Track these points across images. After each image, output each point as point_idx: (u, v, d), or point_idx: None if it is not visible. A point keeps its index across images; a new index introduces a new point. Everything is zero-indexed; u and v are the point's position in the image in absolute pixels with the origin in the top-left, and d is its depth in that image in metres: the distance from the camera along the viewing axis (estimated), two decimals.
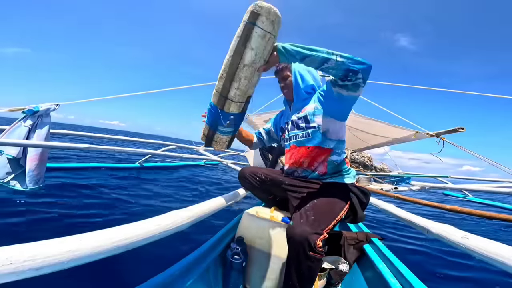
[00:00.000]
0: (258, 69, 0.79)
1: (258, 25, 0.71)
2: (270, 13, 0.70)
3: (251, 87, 0.84)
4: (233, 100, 0.84)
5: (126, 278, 1.19)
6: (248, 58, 0.75)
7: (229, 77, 0.78)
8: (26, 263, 0.33)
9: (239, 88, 0.81)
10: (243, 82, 0.79)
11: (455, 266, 1.86)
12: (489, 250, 0.56)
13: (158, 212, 0.65)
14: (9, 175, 1.54)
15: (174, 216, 0.68)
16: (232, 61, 0.76)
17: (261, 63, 0.78)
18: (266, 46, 0.74)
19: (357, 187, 1.10)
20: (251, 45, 0.73)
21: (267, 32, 0.72)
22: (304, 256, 0.80)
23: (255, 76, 0.81)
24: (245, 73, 0.78)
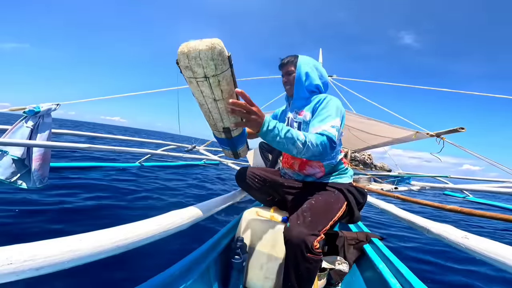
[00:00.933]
0: (224, 99, 0.70)
1: (184, 76, 0.65)
2: (189, 57, 0.59)
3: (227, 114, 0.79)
4: (231, 128, 0.83)
5: (126, 278, 1.19)
6: (207, 99, 0.70)
7: (210, 119, 0.79)
8: (27, 263, 0.33)
9: (223, 120, 0.79)
10: (223, 115, 0.76)
11: (455, 266, 1.86)
12: (489, 250, 0.56)
13: (158, 212, 0.66)
14: (15, 175, 1.57)
15: (174, 216, 0.68)
16: (202, 109, 0.76)
17: (219, 93, 0.69)
18: (211, 86, 0.65)
19: (354, 187, 1.10)
20: (194, 92, 0.69)
21: (196, 78, 0.63)
22: (301, 257, 0.79)
23: (224, 105, 0.73)
24: (216, 109, 0.74)
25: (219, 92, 0.66)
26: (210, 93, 0.66)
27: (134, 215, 2.05)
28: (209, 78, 0.62)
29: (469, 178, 4.48)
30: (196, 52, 0.57)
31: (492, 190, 2.41)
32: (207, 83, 0.63)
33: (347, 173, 1.13)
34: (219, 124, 0.81)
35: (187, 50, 0.57)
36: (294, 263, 0.82)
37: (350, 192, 1.05)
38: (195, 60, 0.58)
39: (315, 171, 1.10)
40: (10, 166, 1.56)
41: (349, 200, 1.02)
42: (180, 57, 0.59)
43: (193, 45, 0.57)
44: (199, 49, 0.57)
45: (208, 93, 0.66)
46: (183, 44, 0.58)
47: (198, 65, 0.59)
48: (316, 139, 0.85)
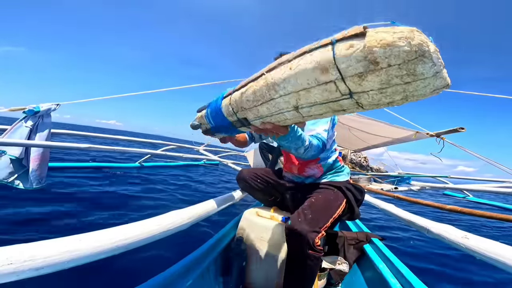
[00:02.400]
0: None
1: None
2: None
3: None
4: (252, 124, 0.60)
5: (126, 278, 1.19)
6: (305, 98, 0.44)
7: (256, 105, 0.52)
8: (26, 263, 0.33)
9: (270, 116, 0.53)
10: (283, 116, 0.51)
11: (455, 266, 1.86)
12: (489, 250, 0.56)
13: (158, 212, 0.65)
14: (12, 175, 1.56)
15: (174, 216, 0.68)
16: (269, 93, 0.48)
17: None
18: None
19: (352, 184, 1.11)
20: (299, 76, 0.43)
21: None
22: (303, 255, 0.81)
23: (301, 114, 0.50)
24: (291, 112, 0.49)
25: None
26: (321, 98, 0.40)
27: (134, 215, 2.05)
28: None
29: (469, 178, 4.49)
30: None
31: (492, 190, 2.41)
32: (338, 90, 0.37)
33: (344, 171, 1.14)
34: (254, 116, 0.55)
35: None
36: (295, 260, 0.83)
37: (349, 189, 1.06)
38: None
39: (314, 172, 1.11)
40: (8, 166, 1.54)
41: (348, 197, 1.03)
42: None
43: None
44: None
45: (318, 98, 0.40)
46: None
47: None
48: (312, 141, 0.86)
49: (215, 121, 0.69)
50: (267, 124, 0.54)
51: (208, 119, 0.71)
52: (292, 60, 0.40)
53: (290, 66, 0.39)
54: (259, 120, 0.55)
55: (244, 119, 0.58)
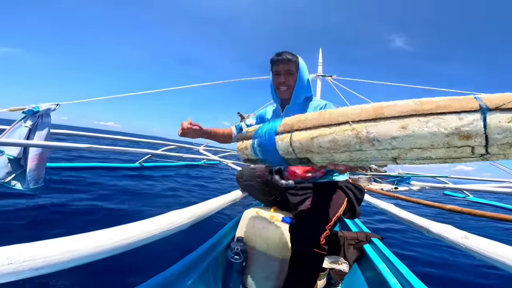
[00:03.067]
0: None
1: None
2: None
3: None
4: (314, 164, 0.57)
5: (126, 278, 1.19)
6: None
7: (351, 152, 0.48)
8: (26, 263, 0.33)
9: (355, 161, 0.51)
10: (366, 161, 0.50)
11: (455, 266, 1.86)
12: (489, 250, 0.56)
13: (158, 212, 0.65)
14: (10, 175, 1.54)
15: (174, 216, 0.68)
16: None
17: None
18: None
19: (352, 184, 1.11)
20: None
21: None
22: (308, 253, 0.82)
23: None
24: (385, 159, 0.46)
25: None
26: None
27: (134, 215, 2.05)
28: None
29: (469, 178, 4.49)
30: None
31: (492, 190, 2.42)
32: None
33: None
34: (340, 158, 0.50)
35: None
36: (300, 259, 0.84)
37: (349, 188, 1.06)
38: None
39: (315, 174, 1.11)
40: (5, 166, 1.53)
41: (349, 196, 1.03)
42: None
43: None
44: None
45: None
46: None
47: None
48: None
49: (264, 155, 0.67)
50: (340, 166, 0.52)
51: (255, 152, 0.69)
52: (405, 119, 0.38)
53: (403, 126, 0.37)
54: (327, 162, 0.53)
55: (305, 159, 0.56)
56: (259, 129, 0.68)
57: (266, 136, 0.64)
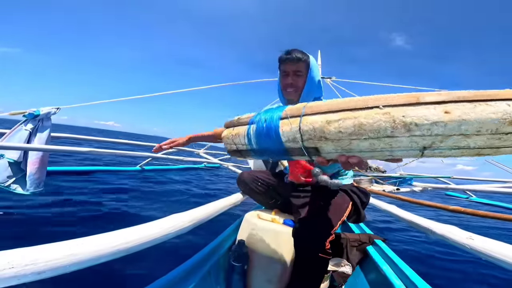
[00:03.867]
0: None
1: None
2: None
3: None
4: (321, 155, 0.52)
5: (127, 281, 1.19)
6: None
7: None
8: (28, 267, 0.33)
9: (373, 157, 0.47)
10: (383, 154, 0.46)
11: (461, 267, 1.84)
12: (495, 251, 0.56)
13: (159, 216, 0.65)
14: (10, 178, 1.54)
15: (175, 219, 0.68)
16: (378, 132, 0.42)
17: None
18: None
19: (357, 187, 1.10)
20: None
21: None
22: (313, 258, 0.81)
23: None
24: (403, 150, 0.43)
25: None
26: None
27: (135, 219, 2.05)
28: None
29: (472, 178, 4.46)
30: None
31: (495, 190, 2.40)
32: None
33: (348, 174, 1.13)
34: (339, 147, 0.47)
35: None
36: (305, 264, 0.83)
37: (354, 192, 1.05)
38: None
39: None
40: (6, 170, 1.53)
41: (354, 200, 1.02)
42: None
43: None
44: None
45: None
46: None
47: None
48: None
49: (261, 143, 0.57)
50: (353, 158, 0.46)
51: (250, 139, 0.58)
52: (448, 104, 0.37)
53: (446, 110, 0.36)
54: (339, 153, 0.47)
55: (313, 148, 0.49)
56: (257, 115, 0.59)
57: (268, 120, 0.54)
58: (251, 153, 0.62)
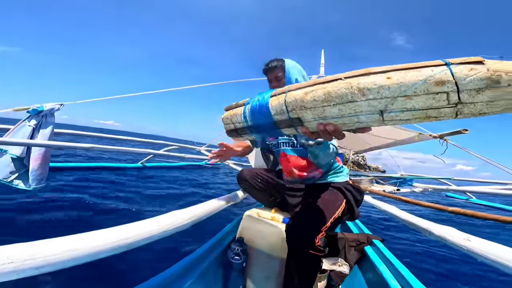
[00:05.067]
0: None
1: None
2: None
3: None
4: (304, 125, 0.58)
5: (126, 277, 1.20)
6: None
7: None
8: (27, 262, 0.33)
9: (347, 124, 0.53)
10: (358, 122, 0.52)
11: (457, 268, 1.84)
12: (491, 253, 0.56)
13: (158, 212, 0.66)
14: (13, 174, 1.54)
15: (174, 216, 0.68)
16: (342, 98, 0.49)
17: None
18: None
19: (351, 185, 1.11)
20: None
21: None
22: (304, 255, 0.81)
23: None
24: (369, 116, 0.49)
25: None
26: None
27: (135, 215, 2.06)
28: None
29: (472, 180, 4.44)
30: None
31: (496, 192, 2.39)
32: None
33: (343, 172, 1.14)
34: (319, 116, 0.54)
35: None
36: (296, 261, 0.84)
37: (348, 190, 1.06)
38: None
39: (314, 174, 1.11)
40: (9, 165, 1.53)
41: (348, 198, 1.03)
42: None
43: None
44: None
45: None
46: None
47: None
48: (333, 148, 0.89)
49: (255, 119, 0.67)
50: (329, 126, 0.53)
51: (245, 117, 0.69)
52: (389, 72, 0.45)
53: (388, 76, 0.45)
54: (317, 121, 0.55)
55: (296, 119, 0.58)
56: (252, 98, 0.69)
57: (260, 99, 0.65)
58: (246, 130, 0.71)
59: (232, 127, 0.75)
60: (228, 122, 0.75)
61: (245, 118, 0.69)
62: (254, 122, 0.67)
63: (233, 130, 0.76)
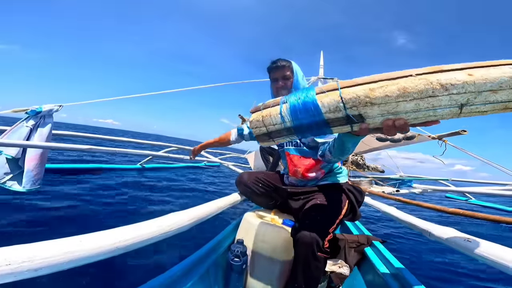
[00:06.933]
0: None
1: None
2: None
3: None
4: (366, 121, 0.55)
5: (126, 279, 1.19)
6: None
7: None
8: (25, 264, 0.33)
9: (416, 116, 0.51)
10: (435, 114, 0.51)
11: (458, 269, 1.84)
12: (491, 253, 0.56)
13: (158, 214, 0.65)
14: (7, 175, 1.50)
15: (174, 217, 0.68)
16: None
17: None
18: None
19: (352, 186, 1.11)
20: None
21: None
22: (312, 257, 0.81)
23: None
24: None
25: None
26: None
27: (134, 217, 2.05)
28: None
29: (470, 180, 4.46)
30: None
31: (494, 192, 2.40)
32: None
33: (343, 172, 1.15)
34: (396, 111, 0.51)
35: None
36: (304, 263, 0.84)
37: (350, 190, 1.06)
38: None
39: (316, 175, 1.11)
40: (3, 166, 1.49)
41: (350, 199, 1.03)
42: None
43: None
44: None
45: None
46: None
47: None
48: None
49: (298, 119, 0.59)
50: (400, 121, 0.51)
51: (283, 117, 0.61)
52: (468, 69, 0.46)
53: (469, 73, 0.46)
54: (385, 117, 0.53)
55: (357, 116, 0.54)
56: (287, 96, 0.62)
57: (303, 96, 0.58)
58: (284, 132, 0.64)
59: (263, 130, 0.66)
60: (258, 125, 0.66)
61: (282, 118, 0.61)
62: (296, 122, 0.60)
63: (264, 134, 0.67)
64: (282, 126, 0.62)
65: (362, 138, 0.69)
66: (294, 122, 0.60)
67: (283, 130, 0.63)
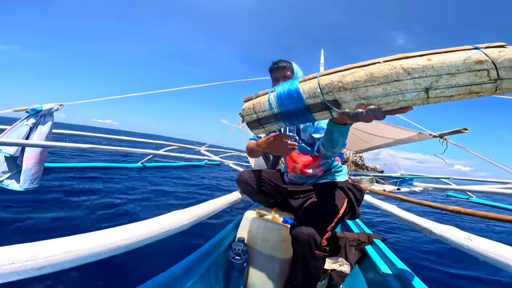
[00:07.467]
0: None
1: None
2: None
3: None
4: (342, 106, 0.58)
5: (127, 278, 1.20)
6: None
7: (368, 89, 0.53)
8: (28, 262, 0.33)
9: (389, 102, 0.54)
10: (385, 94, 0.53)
11: (458, 267, 1.84)
12: (492, 252, 0.56)
13: (159, 213, 0.66)
14: (5, 174, 1.47)
15: (175, 216, 0.68)
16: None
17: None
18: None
19: (352, 184, 1.11)
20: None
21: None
22: (310, 255, 0.81)
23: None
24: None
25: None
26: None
27: (135, 216, 2.06)
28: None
29: (472, 179, 4.45)
30: None
31: (495, 191, 2.39)
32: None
33: (343, 171, 1.15)
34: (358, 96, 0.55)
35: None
36: (302, 261, 0.84)
37: (349, 189, 1.06)
38: None
39: (315, 172, 1.11)
40: (1, 165, 1.47)
41: (350, 197, 1.03)
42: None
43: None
44: None
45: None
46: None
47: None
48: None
49: (283, 105, 0.64)
50: (371, 105, 0.53)
51: (270, 104, 0.66)
52: (427, 55, 0.49)
53: (428, 58, 0.49)
54: (357, 101, 0.55)
55: (333, 101, 0.57)
56: (276, 86, 0.67)
57: (288, 85, 0.63)
58: (272, 118, 0.69)
59: (254, 117, 0.71)
60: (249, 113, 0.72)
61: (270, 105, 0.66)
62: (282, 109, 0.64)
63: (255, 121, 0.72)
64: (270, 112, 0.67)
65: (348, 128, 0.72)
66: (281, 108, 0.65)
67: (271, 116, 0.68)
